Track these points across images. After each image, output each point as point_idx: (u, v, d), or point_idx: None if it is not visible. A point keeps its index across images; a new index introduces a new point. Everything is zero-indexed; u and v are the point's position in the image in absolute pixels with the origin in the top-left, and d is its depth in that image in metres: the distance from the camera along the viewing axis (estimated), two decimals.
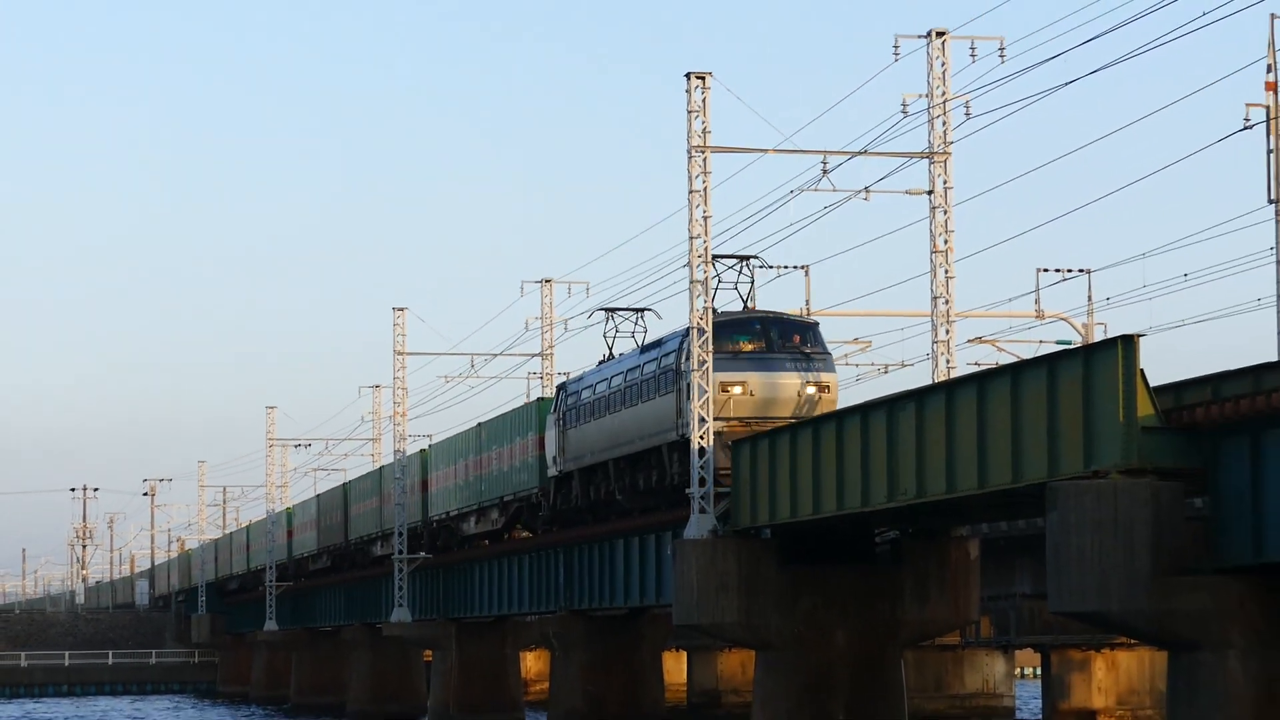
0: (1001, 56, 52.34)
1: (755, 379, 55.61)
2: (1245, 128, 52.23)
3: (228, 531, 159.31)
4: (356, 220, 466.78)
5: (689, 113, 54.91)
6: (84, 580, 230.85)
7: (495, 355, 76.91)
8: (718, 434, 53.35)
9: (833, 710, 53.22)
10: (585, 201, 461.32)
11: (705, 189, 55.15)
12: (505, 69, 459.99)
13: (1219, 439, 35.60)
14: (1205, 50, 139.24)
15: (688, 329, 54.79)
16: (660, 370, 58.70)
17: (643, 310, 68.74)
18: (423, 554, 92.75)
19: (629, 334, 69.47)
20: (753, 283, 61.82)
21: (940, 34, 53.61)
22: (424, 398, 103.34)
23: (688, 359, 54.39)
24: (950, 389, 43.22)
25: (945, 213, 53.09)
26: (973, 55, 53.34)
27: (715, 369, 53.81)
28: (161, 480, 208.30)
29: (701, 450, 54.26)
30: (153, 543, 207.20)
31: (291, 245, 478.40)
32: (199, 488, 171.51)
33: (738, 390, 55.07)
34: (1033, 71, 51.78)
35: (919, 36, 53.80)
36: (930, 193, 53.98)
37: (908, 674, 57.91)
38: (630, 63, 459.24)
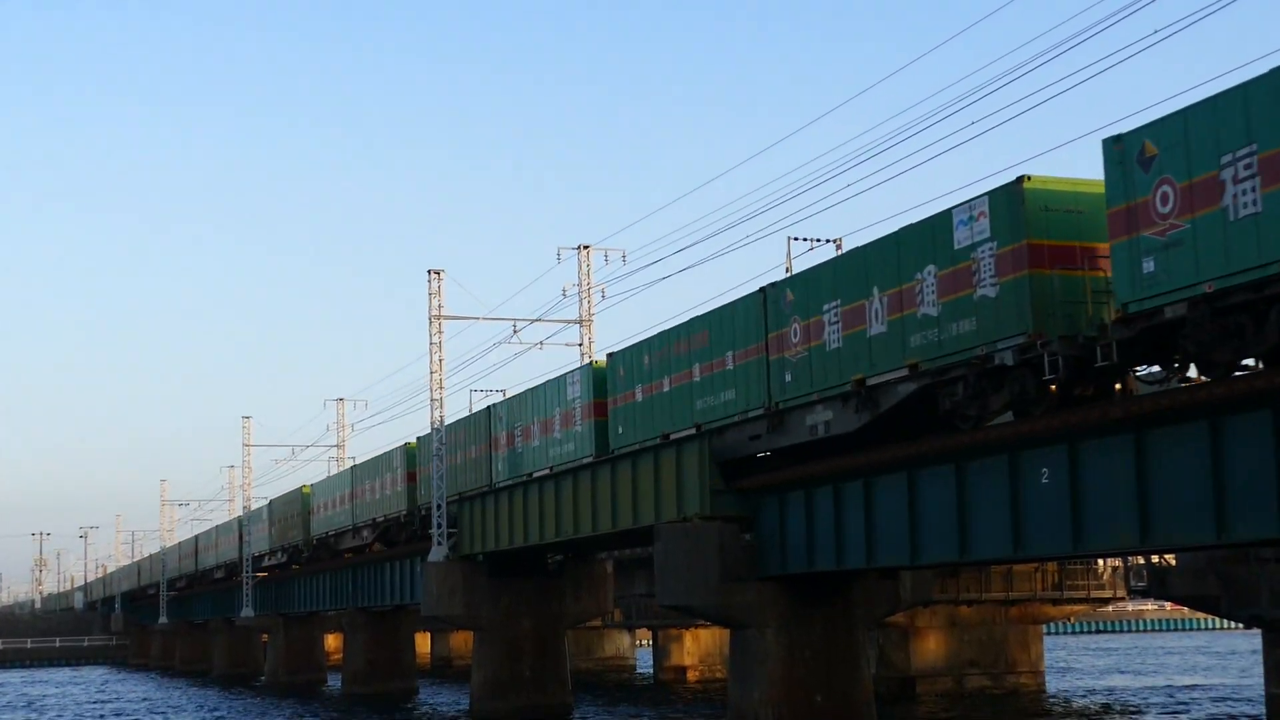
0: (624, 260, 53.00)
1: None
2: None
3: (138, 559, 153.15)
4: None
5: (429, 295, 54.38)
6: (40, 593, 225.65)
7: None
8: None
9: (522, 669, 52.68)
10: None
11: (440, 343, 54.73)
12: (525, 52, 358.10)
13: (759, 498, 36.09)
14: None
15: None
16: None
17: None
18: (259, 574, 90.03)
19: None
20: None
21: (586, 247, 54.03)
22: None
23: None
24: (594, 467, 43.13)
25: (589, 358, 53.18)
26: (606, 259, 53.93)
27: None
28: (92, 528, 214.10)
29: (438, 507, 53.56)
30: (85, 568, 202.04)
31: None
32: (116, 532, 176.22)
33: None
34: (644, 270, 52.42)
35: (573, 248, 54.13)
36: (580, 345, 54.20)
37: (569, 645, 57.44)
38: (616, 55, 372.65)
